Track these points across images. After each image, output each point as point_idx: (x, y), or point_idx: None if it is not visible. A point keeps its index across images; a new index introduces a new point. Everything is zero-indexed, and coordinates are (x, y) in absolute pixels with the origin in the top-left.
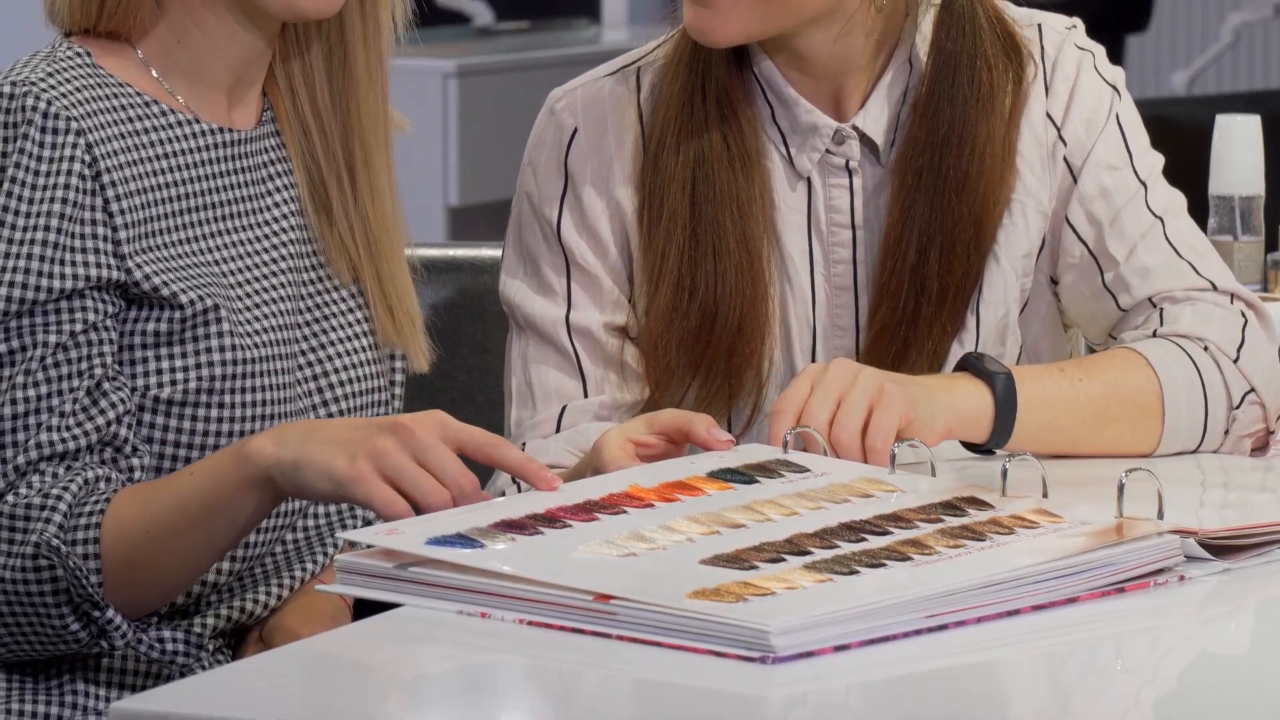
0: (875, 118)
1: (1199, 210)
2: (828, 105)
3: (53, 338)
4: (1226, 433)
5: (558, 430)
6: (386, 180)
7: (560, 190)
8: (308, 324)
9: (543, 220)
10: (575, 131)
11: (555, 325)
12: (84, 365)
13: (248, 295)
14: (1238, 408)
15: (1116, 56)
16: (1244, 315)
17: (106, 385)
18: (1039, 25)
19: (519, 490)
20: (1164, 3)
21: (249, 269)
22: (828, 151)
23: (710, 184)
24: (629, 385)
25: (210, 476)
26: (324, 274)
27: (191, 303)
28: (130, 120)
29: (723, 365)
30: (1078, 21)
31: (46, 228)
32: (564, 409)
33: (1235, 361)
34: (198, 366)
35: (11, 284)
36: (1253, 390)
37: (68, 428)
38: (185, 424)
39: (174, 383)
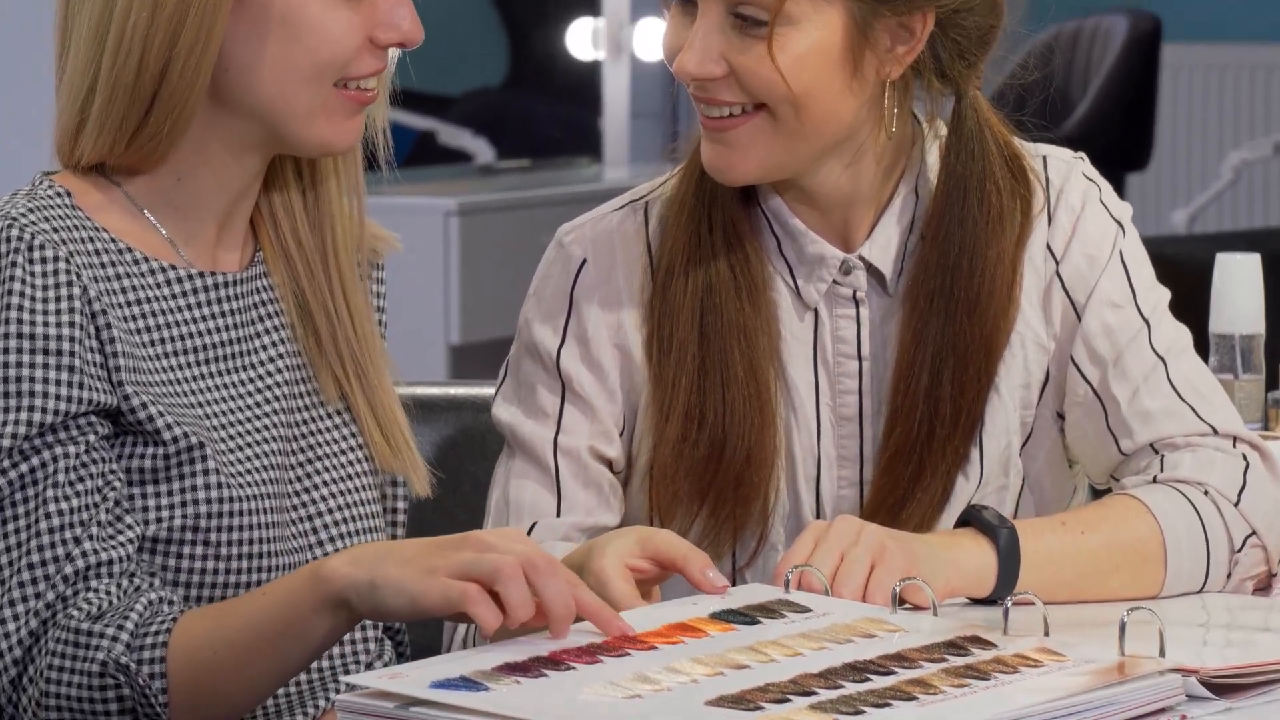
0: (882, 247)
1: (1200, 348)
2: (834, 236)
3: (73, 449)
4: (1229, 576)
5: None
6: (364, 308)
7: (564, 319)
8: (300, 465)
9: (543, 348)
10: (584, 263)
11: (543, 444)
12: (102, 481)
13: (235, 436)
14: (1239, 551)
15: (1117, 194)
16: (1245, 459)
17: (125, 504)
18: (1044, 157)
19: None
20: (1164, 140)
21: (237, 410)
22: (835, 282)
23: (718, 314)
24: (604, 512)
25: (285, 597)
26: (319, 413)
27: (175, 439)
28: (105, 265)
29: (730, 495)
30: (1083, 155)
31: (60, 351)
32: (534, 526)
33: (1236, 505)
34: (183, 505)
35: (30, 408)
36: (1254, 533)
37: (106, 538)
38: (171, 562)
39: (159, 520)
